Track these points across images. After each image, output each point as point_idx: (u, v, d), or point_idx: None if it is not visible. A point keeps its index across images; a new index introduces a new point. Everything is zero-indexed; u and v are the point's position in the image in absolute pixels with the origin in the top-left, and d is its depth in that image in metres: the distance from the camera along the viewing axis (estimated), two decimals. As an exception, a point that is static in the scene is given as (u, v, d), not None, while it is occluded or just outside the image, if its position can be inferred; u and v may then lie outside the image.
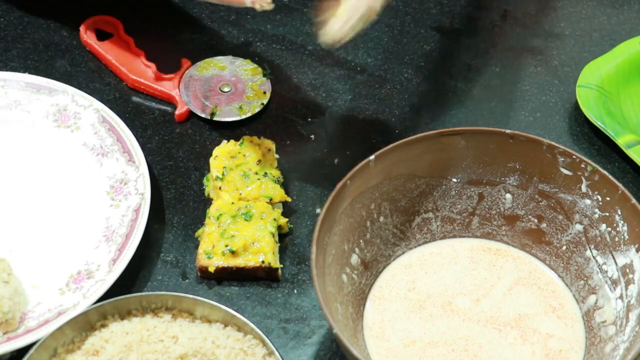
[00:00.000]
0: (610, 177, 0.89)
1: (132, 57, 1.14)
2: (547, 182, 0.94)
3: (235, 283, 0.97)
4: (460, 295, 0.93)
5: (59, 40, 1.18)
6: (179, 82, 1.11)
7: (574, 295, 0.93)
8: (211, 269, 0.96)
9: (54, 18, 1.20)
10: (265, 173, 1.01)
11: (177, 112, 1.10)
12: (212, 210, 0.99)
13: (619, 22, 1.21)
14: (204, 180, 1.04)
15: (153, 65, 1.13)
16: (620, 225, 0.89)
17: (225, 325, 0.90)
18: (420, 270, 0.95)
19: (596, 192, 0.91)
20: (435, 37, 1.18)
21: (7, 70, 1.13)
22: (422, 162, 0.94)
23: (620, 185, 0.89)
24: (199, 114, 1.09)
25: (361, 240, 0.93)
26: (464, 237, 0.97)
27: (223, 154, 1.03)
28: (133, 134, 1.05)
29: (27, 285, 0.95)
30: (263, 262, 0.95)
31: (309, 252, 0.86)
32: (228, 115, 1.09)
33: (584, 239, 0.92)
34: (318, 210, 0.90)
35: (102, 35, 1.17)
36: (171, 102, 1.11)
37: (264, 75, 1.12)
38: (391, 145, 0.93)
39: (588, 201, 0.91)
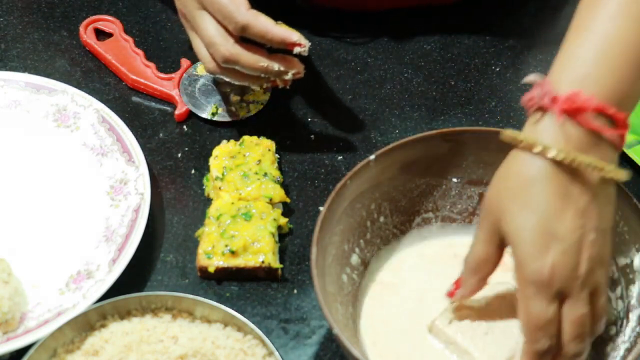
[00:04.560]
0: (611, 177, 0.89)
1: (131, 57, 1.14)
2: (547, 182, 0.94)
3: (235, 283, 0.97)
4: (461, 295, 0.93)
5: (59, 40, 1.18)
6: (179, 81, 1.11)
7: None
8: (211, 269, 0.96)
9: (54, 18, 1.20)
10: (265, 173, 1.01)
11: (176, 112, 1.10)
12: (212, 210, 0.99)
13: (619, 22, 1.21)
14: (204, 180, 1.04)
15: (152, 65, 1.13)
16: (620, 225, 0.89)
17: (225, 326, 0.90)
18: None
19: (596, 192, 0.91)
20: (435, 37, 1.18)
21: (6, 70, 1.13)
22: (422, 162, 0.94)
23: (620, 185, 0.89)
24: (199, 114, 1.09)
25: (361, 240, 0.93)
26: (464, 237, 0.97)
27: (223, 154, 1.03)
28: (133, 133, 1.05)
29: (27, 285, 0.95)
30: (263, 262, 0.95)
31: (309, 252, 0.86)
32: (228, 115, 1.09)
33: (584, 239, 0.92)
34: (321, 209, 0.90)
35: (102, 35, 1.17)
36: (171, 102, 1.11)
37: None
38: (391, 145, 0.93)
39: (588, 201, 0.91)
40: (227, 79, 1.02)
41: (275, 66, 0.98)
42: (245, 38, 0.97)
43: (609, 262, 0.81)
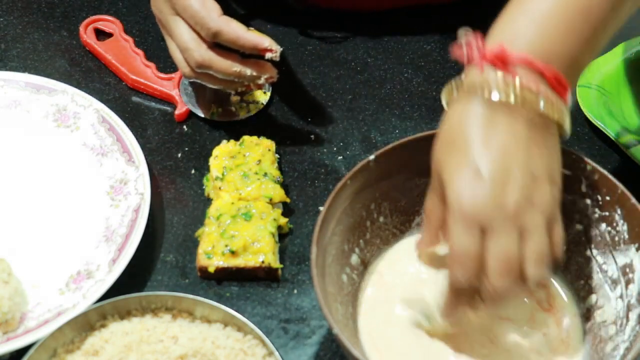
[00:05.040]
0: (610, 176, 0.89)
1: (131, 57, 1.14)
2: (547, 182, 0.94)
3: (235, 283, 0.97)
4: (461, 295, 0.93)
5: (59, 40, 1.18)
6: (179, 81, 1.11)
7: (573, 295, 0.93)
8: (211, 269, 0.96)
9: (54, 18, 1.20)
10: (265, 173, 1.01)
11: (176, 112, 1.10)
12: (212, 210, 0.99)
13: (619, 22, 1.21)
14: (204, 180, 1.04)
15: (152, 65, 1.13)
16: (620, 224, 0.89)
17: (225, 326, 0.90)
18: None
19: (596, 192, 0.91)
20: (435, 37, 1.18)
21: (6, 70, 1.13)
22: (422, 162, 0.94)
23: (620, 185, 0.89)
24: (199, 113, 1.09)
25: (361, 240, 0.93)
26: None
27: (223, 154, 1.03)
28: (133, 133, 1.05)
29: (27, 285, 0.95)
30: (263, 262, 0.95)
31: (309, 252, 0.86)
32: (228, 115, 1.09)
33: (583, 238, 0.92)
34: (321, 209, 0.90)
35: (102, 35, 1.17)
36: (171, 102, 1.11)
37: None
38: (391, 145, 0.93)
39: (588, 201, 0.91)
40: (202, 83, 1.03)
41: (248, 71, 0.99)
42: (219, 43, 0.98)
43: (549, 211, 0.81)
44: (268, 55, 0.98)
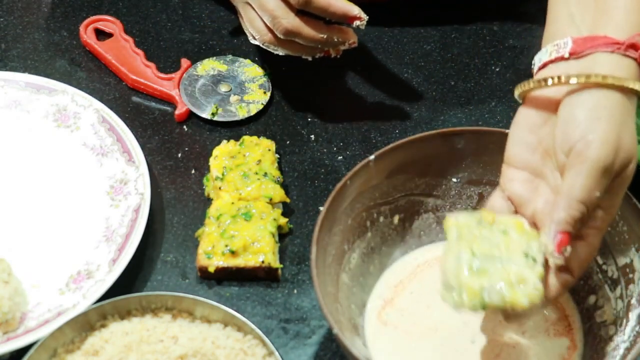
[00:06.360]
0: (611, 177, 0.89)
1: (131, 57, 1.14)
2: (547, 182, 0.94)
3: (235, 283, 0.97)
4: (461, 296, 0.93)
5: (59, 40, 1.18)
6: (179, 82, 1.12)
7: (573, 295, 0.93)
8: (211, 269, 0.96)
9: (54, 18, 1.20)
10: (265, 173, 1.01)
11: (177, 112, 1.10)
12: (212, 210, 0.99)
13: (619, 22, 1.21)
14: (204, 180, 1.04)
15: (153, 65, 1.13)
16: (620, 225, 0.89)
17: (225, 326, 0.90)
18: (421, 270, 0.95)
19: (596, 192, 0.91)
20: (435, 37, 1.18)
21: (7, 70, 1.13)
22: (422, 162, 0.94)
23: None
24: (199, 114, 1.09)
25: (361, 240, 0.93)
26: (464, 237, 0.97)
27: (223, 154, 1.03)
28: (133, 134, 1.05)
29: (27, 285, 0.95)
30: (263, 262, 0.95)
31: (309, 252, 0.86)
32: (228, 115, 1.09)
33: (584, 238, 0.92)
34: (321, 209, 0.90)
35: (102, 35, 1.17)
36: (171, 102, 1.11)
37: (264, 75, 1.12)
38: (391, 145, 0.93)
39: (588, 201, 0.91)
40: (278, 52, 1.04)
41: (335, 38, 1.00)
42: (302, 10, 0.99)
43: None
44: (356, 23, 0.99)
